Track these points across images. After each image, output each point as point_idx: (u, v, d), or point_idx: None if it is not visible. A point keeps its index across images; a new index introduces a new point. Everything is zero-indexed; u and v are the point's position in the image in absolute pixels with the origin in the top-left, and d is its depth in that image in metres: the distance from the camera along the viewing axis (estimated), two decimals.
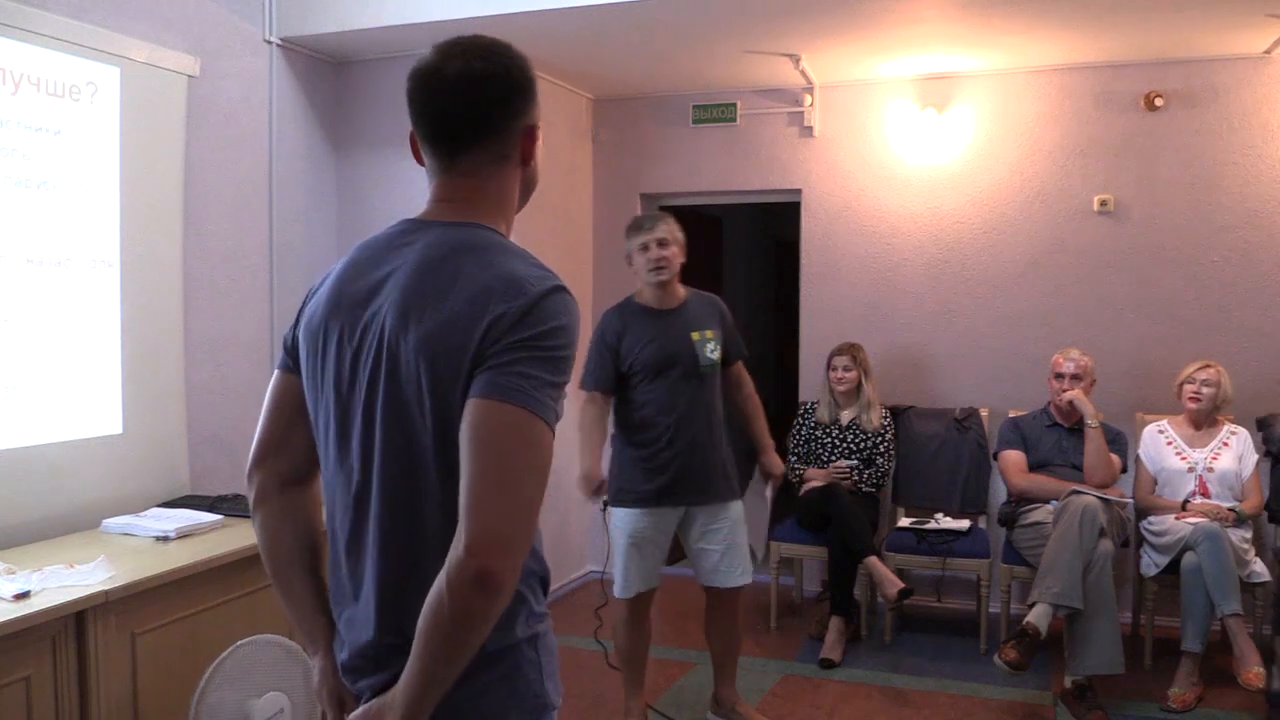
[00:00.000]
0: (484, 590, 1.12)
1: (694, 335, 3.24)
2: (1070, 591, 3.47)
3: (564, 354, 1.22)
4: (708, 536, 3.30)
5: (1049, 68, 4.62)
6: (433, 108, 1.31)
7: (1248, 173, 4.40)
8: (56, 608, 2.22)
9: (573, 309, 1.26)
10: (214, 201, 3.70)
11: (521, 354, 1.17)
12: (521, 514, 1.15)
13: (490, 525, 1.12)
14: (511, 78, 1.31)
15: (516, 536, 1.14)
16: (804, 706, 3.67)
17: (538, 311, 1.20)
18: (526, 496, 1.15)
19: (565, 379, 1.22)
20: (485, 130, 1.30)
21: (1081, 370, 4.12)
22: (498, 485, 1.13)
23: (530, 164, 1.36)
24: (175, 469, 3.42)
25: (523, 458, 1.15)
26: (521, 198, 1.39)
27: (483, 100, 1.29)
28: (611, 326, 3.27)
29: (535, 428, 1.16)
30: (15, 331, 2.89)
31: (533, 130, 1.34)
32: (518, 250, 1.29)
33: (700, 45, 4.32)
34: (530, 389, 1.16)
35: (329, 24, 3.95)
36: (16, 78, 2.86)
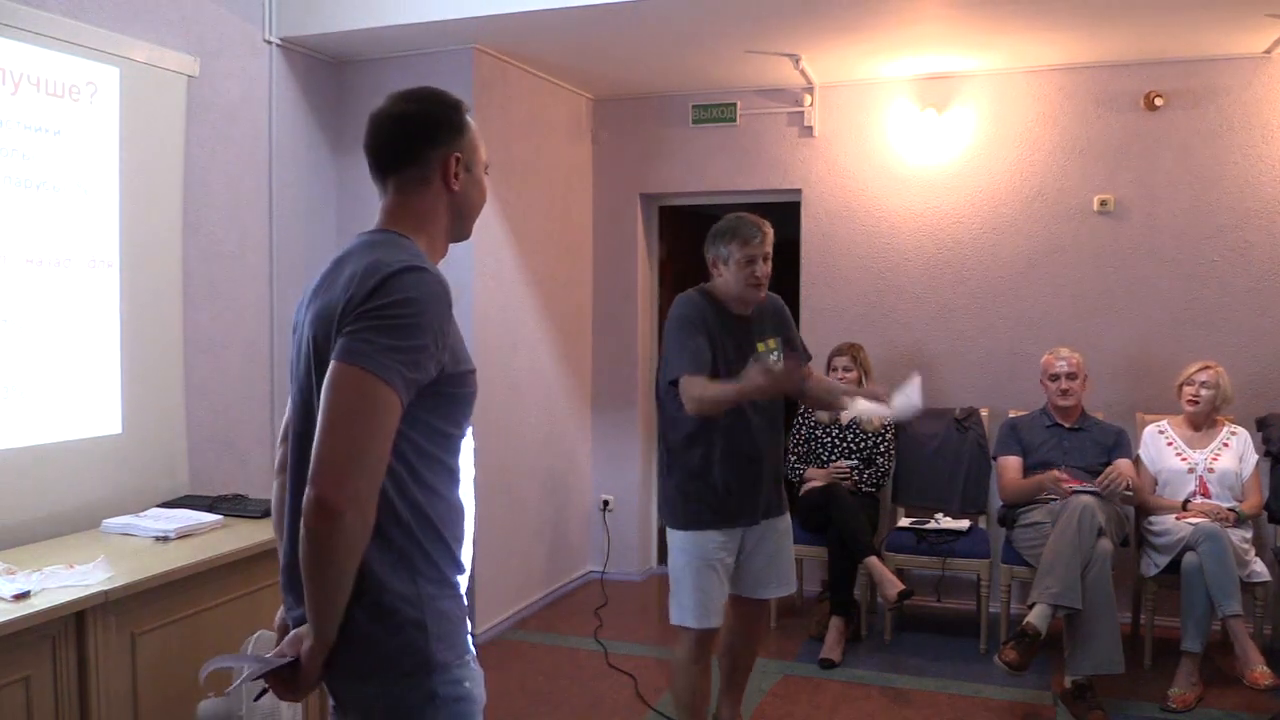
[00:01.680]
0: (321, 513, 1.34)
1: (759, 346, 2.98)
2: (1069, 591, 3.47)
3: (407, 322, 1.40)
4: (757, 549, 3.03)
5: (1049, 68, 4.62)
6: (370, 142, 1.61)
7: (1248, 173, 4.40)
8: (56, 608, 2.22)
9: (424, 284, 1.43)
10: (214, 201, 3.70)
11: (365, 323, 1.39)
12: (353, 451, 1.35)
13: (324, 458, 1.35)
14: (430, 116, 1.59)
15: (348, 469, 1.34)
16: (804, 706, 3.67)
17: (385, 287, 1.41)
18: (356, 437, 1.35)
19: (411, 343, 1.39)
20: (404, 158, 1.58)
21: (1075, 368, 4.13)
22: (332, 427, 1.35)
23: (454, 189, 1.59)
24: (175, 469, 3.41)
25: (356, 406, 1.36)
26: (456, 218, 1.64)
27: (402, 134, 1.58)
28: (698, 306, 2.95)
29: (367, 383, 1.36)
30: (15, 331, 2.89)
31: (450, 159, 1.58)
32: (403, 246, 1.52)
33: (700, 45, 4.32)
34: (370, 351, 1.37)
35: (329, 24, 3.95)
36: (16, 78, 2.86)
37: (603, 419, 5.43)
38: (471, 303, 4.24)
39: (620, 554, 5.38)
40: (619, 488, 5.43)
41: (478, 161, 1.64)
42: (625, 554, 5.38)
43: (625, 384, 5.40)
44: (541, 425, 4.93)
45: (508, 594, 4.60)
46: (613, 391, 5.42)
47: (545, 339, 4.95)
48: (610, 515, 5.41)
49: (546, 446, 5.00)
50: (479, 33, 4.00)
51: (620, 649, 4.25)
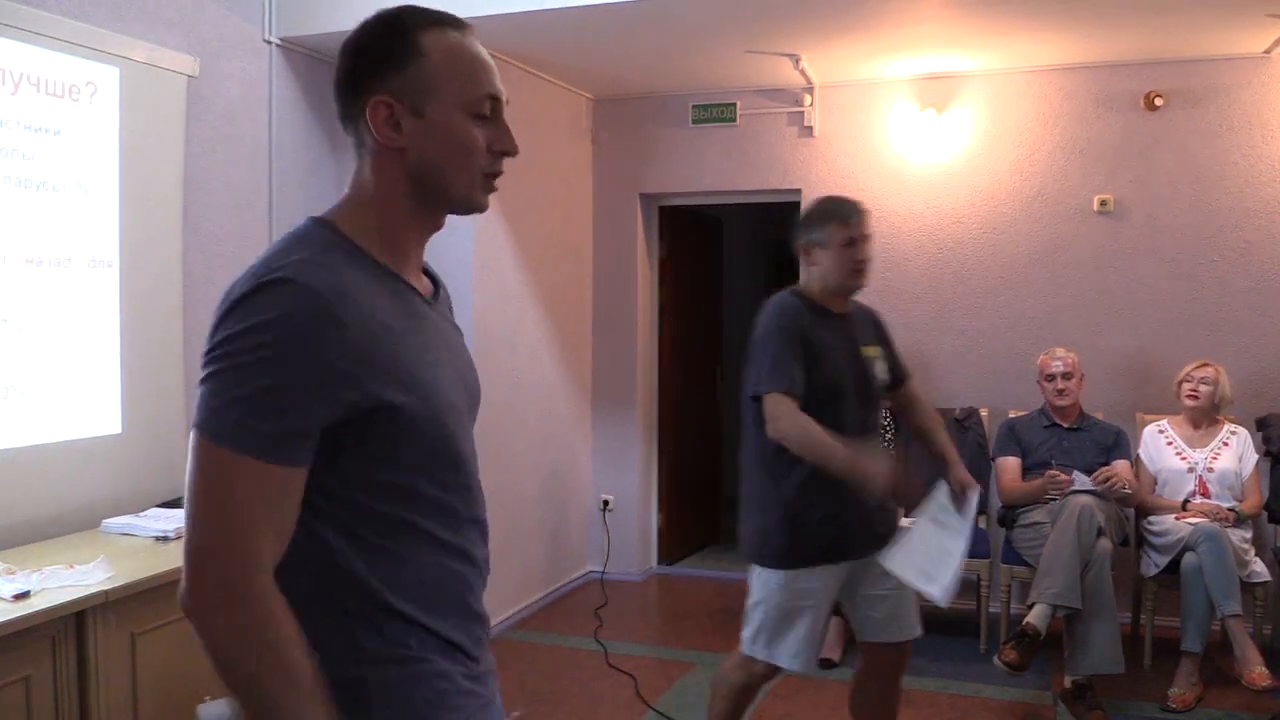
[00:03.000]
0: (192, 619, 1.06)
1: (864, 350, 2.67)
2: (1069, 591, 3.47)
3: (258, 356, 1.04)
4: (881, 583, 2.63)
5: (1049, 68, 4.62)
6: None
7: (1248, 173, 4.40)
8: (56, 608, 2.22)
9: (280, 301, 1.06)
10: (214, 201, 3.70)
11: (209, 370, 1.07)
12: (210, 542, 1.04)
13: (186, 551, 1.06)
14: (355, 48, 1.18)
15: (205, 563, 1.04)
16: (804, 706, 3.67)
17: (232, 317, 1.07)
18: (211, 525, 1.04)
19: (266, 384, 1.04)
20: (341, 121, 1.21)
21: (1071, 368, 4.13)
22: (187, 513, 1.07)
23: (388, 143, 1.17)
24: (175, 469, 3.41)
25: (203, 485, 1.05)
26: (417, 184, 1.19)
27: (335, 87, 1.20)
28: (795, 313, 2.58)
29: (210, 455, 1.04)
30: (15, 331, 2.89)
31: (372, 105, 1.15)
32: (298, 243, 1.15)
33: (700, 45, 4.32)
34: (210, 411, 1.05)
35: (329, 24, 3.95)
36: (16, 78, 2.86)
37: (603, 419, 5.43)
38: (471, 303, 4.25)
39: (620, 554, 5.38)
40: (619, 488, 5.43)
41: (439, 100, 1.17)
42: (625, 554, 5.38)
43: (625, 384, 5.40)
44: (541, 425, 4.93)
45: (508, 594, 4.60)
46: (613, 391, 5.42)
47: (545, 339, 4.95)
48: (610, 515, 5.41)
49: (546, 446, 5.00)
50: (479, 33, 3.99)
51: (620, 649, 4.25)
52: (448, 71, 1.17)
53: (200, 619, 1.05)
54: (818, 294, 2.65)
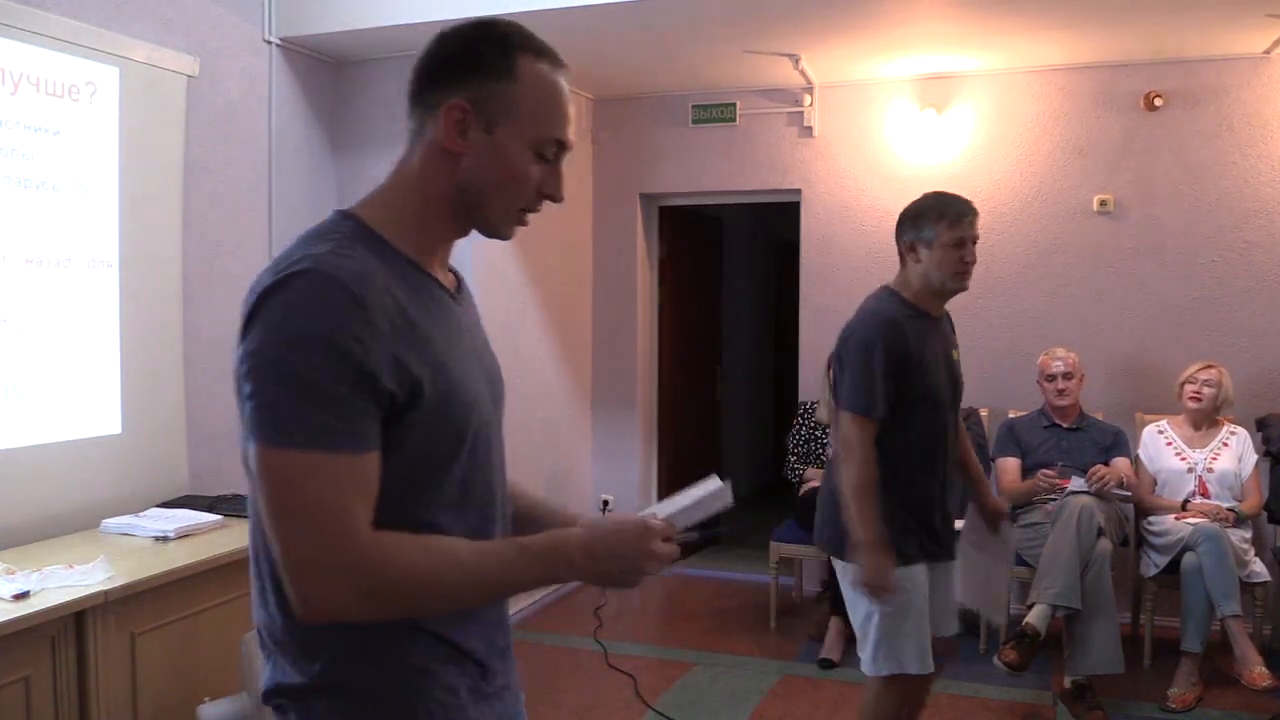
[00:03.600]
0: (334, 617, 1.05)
1: (954, 354, 2.65)
2: (1069, 592, 3.47)
3: (289, 352, 1.03)
4: (945, 584, 2.66)
5: (1049, 68, 4.62)
6: None
7: (1247, 172, 4.40)
8: (56, 608, 2.22)
9: (305, 291, 1.04)
10: (214, 201, 3.70)
11: (249, 377, 1.04)
12: (300, 550, 1.03)
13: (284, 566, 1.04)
14: (454, 44, 1.18)
15: (311, 571, 1.03)
16: (804, 706, 3.67)
17: (259, 315, 1.05)
18: (292, 528, 1.03)
19: (304, 379, 1.02)
20: (413, 95, 1.20)
21: (1071, 367, 4.13)
22: (275, 527, 1.04)
23: (450, 146, 1.16)
24: (174, 469, 3.41)
25: (271, 494, 1.03)
26: (460, 194, 1.19)
27: (415, 73, 1.20)
28: (895, 325, 2.50)
29: (267, 459, 1.03)
30: (15, 331, 2.89)
31: (450, 106, 1.15)
32: (319, 237, 1.13)
33: (700, 45, 4.32)
34: (262, 417, 1.03)
35: (329, 24, 3.95)
36: (16, 78, 2.86)
37: (603, 419, 5.43)
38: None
39: None
40: (619, 487, 5.43)
41: (514, 126, 1.16)
42: None
43: (625, 384, 5.40)
44: (541, 425, 4.93)
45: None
46: (613, 391, 5.42)
47: (545, 339, 4.95)
48: (610, 515, 5.40)
49: (546, 446, 5.00)
50: None
51: (620, 649, 4.25)
52: (531, 104, 1.17)
53: (354, 617, 1.06)
54: (915, 294, 2.57)
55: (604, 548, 1.16)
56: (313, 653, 1.12)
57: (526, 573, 1.13)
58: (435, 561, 1.07)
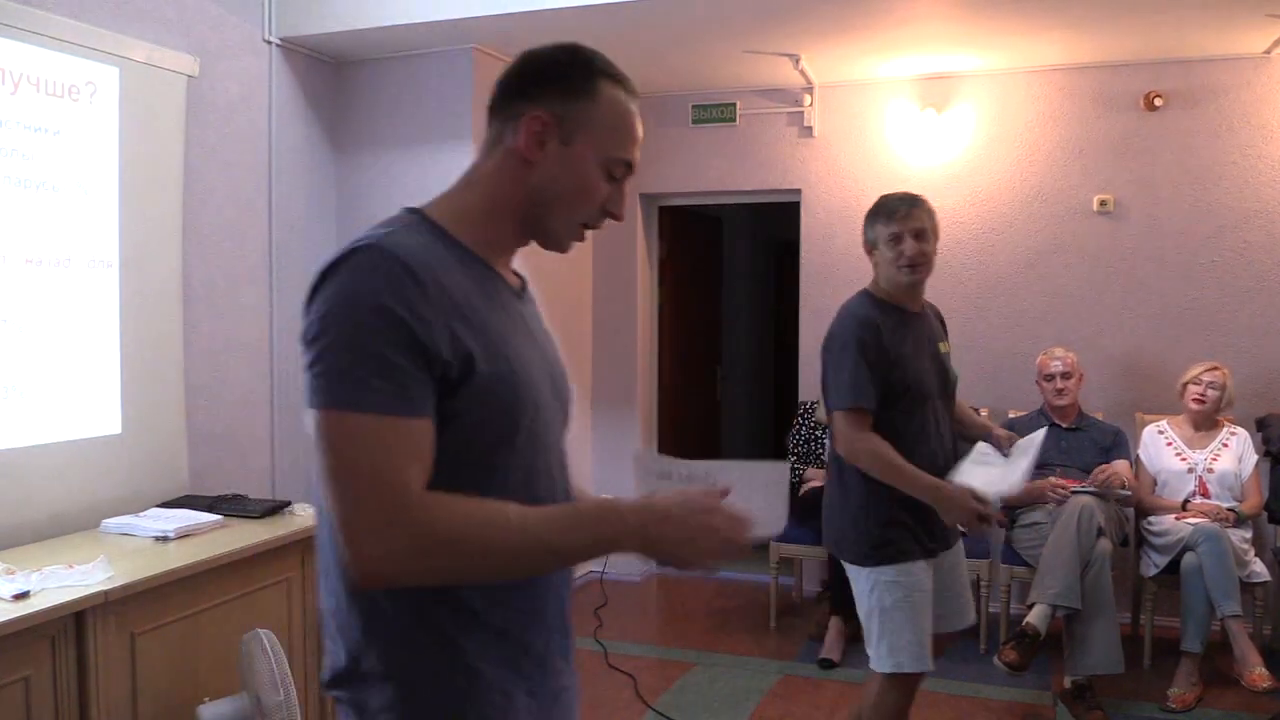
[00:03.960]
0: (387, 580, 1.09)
1: (941, 346, 2.70)
2: (1069, 592, 3.47)
3: (349, 322, 1.07)
4: (952, 576, 2.70)
5: (1049, 68, 4.62)
6: None
7: (1247, 173, 4.40)
8: (56, 608, 2.22)
9: (364, 267, 1.11)
10: (214, 201, 3.70)
11: (313, 348, 1.09)
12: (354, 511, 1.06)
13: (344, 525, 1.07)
14: (541, 61, 1.25)
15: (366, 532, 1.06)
16: (804, 706, 3.67)
17: (322, 290, 1.11)
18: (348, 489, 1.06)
19: (369, 350, 1.07)
20: (496, 104, 1.26)
21: (1070, 367, 4.13)
22: (332, 490, 1.07)
23: (527, 155, 1.22)
24: (174, 469, 3.41)
25: (330, 457, 1.07)
26: (530, 203, 1.24)
27: (505, 76, 1.27)
28: (871, 323, 2.56)
29: (327, 422, 1.07)
30: (15, 331, 2.89)
31: (531, 116, 1.21)
32: (382, 223, 1.20)
33: (700, 45, 4.32)
34: (324, 383, 1.07)
35: (329, 24, 3.95)
36: (16, 78, 2.86)
37: (603, 419, 5.43)
38: None
39: None
40: (619, 488, 5.39)
41: (588, 142, 1.23)
42: None
43: (625, 384, 5.40)
44: None
45: None
46: (613, 391, 5.42)
47: None
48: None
49: None
50: (479, 33, 4.00)
51: (620, 649, 4.25)
52: (607, 123, 1.25)
53: (408, 576, 1.08)
54: (885, 292, 2.66)
55: (660, 511, 1.15)
56: (371, 639, 1.15)
57: (578, 535, 1.13)
58: (484, 517, 1.09)
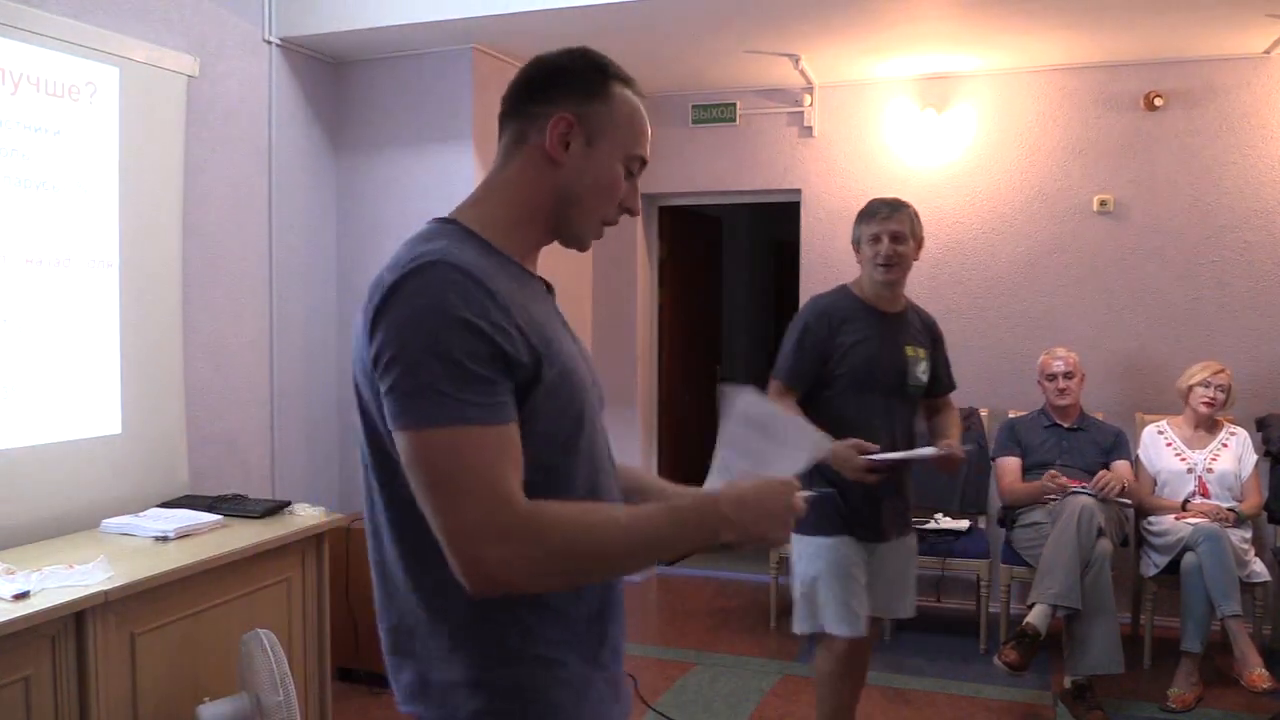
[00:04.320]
0: (488, 590, 1.10)
1: (908, 350, 2.81)
2: (1069, 592, 3.47)
3: (430, 337, 1.08)
4: (894, 567, 2.85)
5: (1049, 68, 4.62)
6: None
7: (1247, 173, 4.40)
8: (56, 608, 2.22)
9: (430, 283, 1.10)
10: (214, 201, 3.70)
11: (393, 368, 1.09)
12: (460, 523, 1.07)
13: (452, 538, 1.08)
14: (556, 65, 1.28)
15: (474, 542, 1.07)
16: (804, 706, 3.67)
17: (391, 307, 1.10)
18: (453, 503, 1.07)
19: (451, 363, 1.08)
20: (512, 109, 1.29)
21: (1072, 367, 4.13)
22: (436, 506, 1.08)
23: (555, 158, 1.25)
24: (174, 469, 3.41)
25: (430, 474, 1.08)
26: (558, 205, 1.28)
27: (519, 84, 1.29)
28: (824, 314, 2.77)
29: (423, 441, 1.08)
30: (15, 331, 2.89)
31: (557, 119, 1.24)
32: (425, 238, 1.20)
33: (700, 45, 4.32)
34: (413, 403, 1.08)
35: (329, 24, 3.95)
36: (16, 78, 2.86)
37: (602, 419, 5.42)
38: None
39: None
40: None
41: (609, 141, 1.28)
42: None
43: (625, 384, 5.39)
44: None
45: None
46: (612, 391, 5.39)
47: None
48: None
49: None
50: (478, 33, 4.00)
51: None
52: (624, 122, 1.29)
53: (528, 583, 1.11)
54: (864, 291, 2.82)
55: (754, 502, 1.22)
56: (458, 650, 1.17)
57: (682, 532, 1.17)
58: (596, 522, 1.13)
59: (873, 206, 2.84)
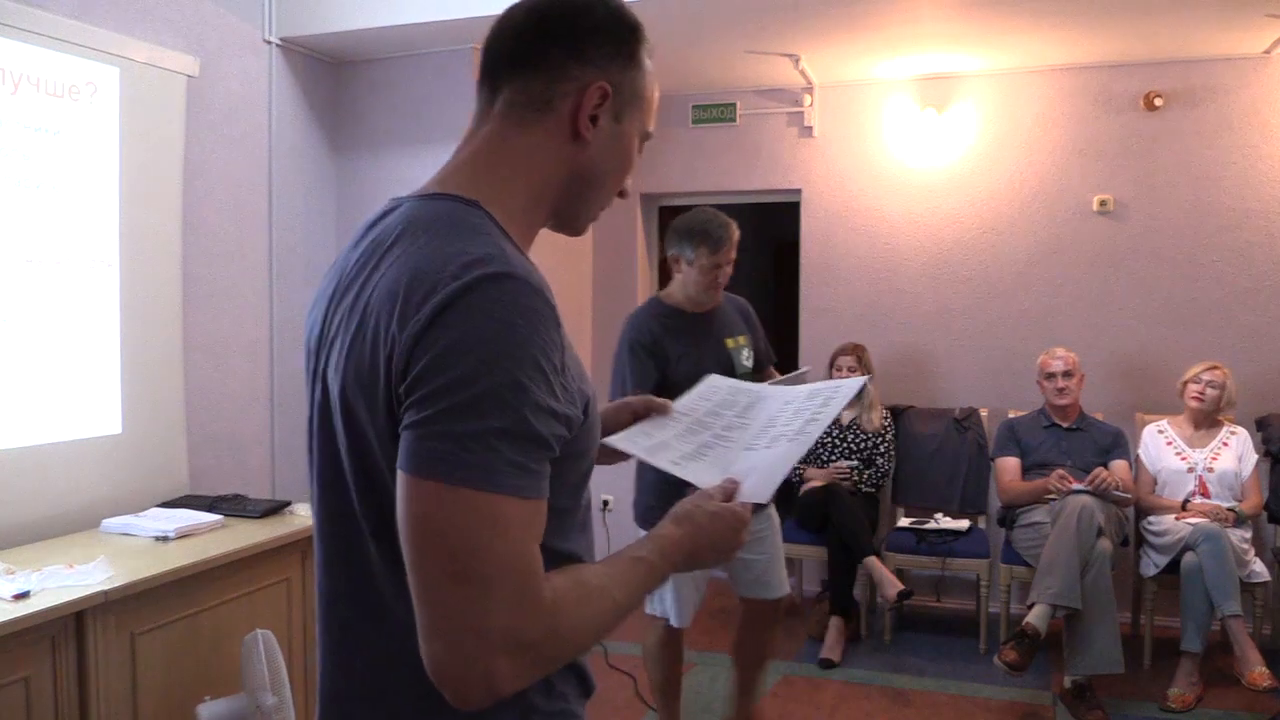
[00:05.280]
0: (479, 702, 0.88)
1: (729, 342, 3.01)
2: (1069, 591, 3.47)
3: (500, 380, 0.85)
4: (750, 547, 2.98)
5: (1049, 68, 4.62)
6: (489, 37, 1.06)
7: (1247, 173, 4.40)
8: (56, 608, 2.22)
9: (509, 303, 0.88)
10: (214, 201, 3.70)
11: (439, 401, 0.86)
12: (480, 609, 0.85)
13: (439, 632, 0.86)
14: (589, 14, 1.03)
15: (479, 638, 0.85)
16: (804, 706, 3.67)
17: (447, 321, 0.87)
18: (473, 593, 0.85)
19: (519, 415, 0.86)
20: (520, 59, 1.02)
21: (1071, 366, 4.13)
22: (436, 584, 0.86)
23: (584, 133, 1.02)
24: (174, 469, 3.41)
25: (466, 556, 0.85)
26: (572, 186, 1.06)
27: (532, 26, 1.03)
28: (648, 332, 2.92)
29: (473, 503, 0.85)
30: (15, 331, 2.89)
31: (592, 87, 1.01)
32: (469, 226, 0.96)
33: (700, 45, 4.32)
34: (459, 452, 0.85)
35: (329, 24, 3.95)
36: (16, 78, 2.86)
37: None
38: None
39: None
40: (619, 488, 5.41)
41: (634, 117, 1.06)
42: None
43: None
44: None
45: None
46: None
47: None
48: (610, 515, 5.40)
49: None
50: (479, 33, 3.99)
51: (620, 649, 4.24)
52: (648, 94, 1.08)
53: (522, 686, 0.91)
54: (679, 299, 2.99)
55: (708, 547, 1.09)
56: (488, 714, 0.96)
57: (651, 583, 1.04)
58: (598, 610, 0.96)
59: (714, 233, 2.88)
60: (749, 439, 1.28)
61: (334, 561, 1.03)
